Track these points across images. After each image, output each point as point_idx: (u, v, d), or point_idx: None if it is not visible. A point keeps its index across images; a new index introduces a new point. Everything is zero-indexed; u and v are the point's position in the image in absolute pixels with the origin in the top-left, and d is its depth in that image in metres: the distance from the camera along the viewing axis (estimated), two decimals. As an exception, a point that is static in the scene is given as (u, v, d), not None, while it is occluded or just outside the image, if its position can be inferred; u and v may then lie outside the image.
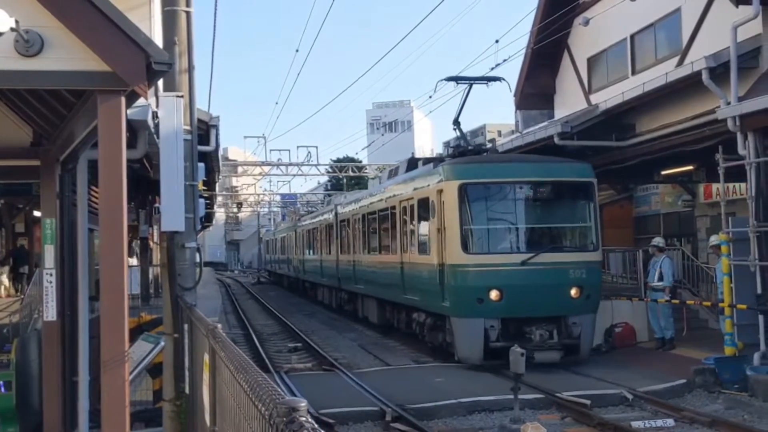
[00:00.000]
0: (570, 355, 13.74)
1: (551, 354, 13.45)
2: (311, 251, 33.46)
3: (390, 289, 18.44)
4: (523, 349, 11.38)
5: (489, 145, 20.57)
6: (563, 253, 14.45)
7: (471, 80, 17.16)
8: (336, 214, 26.61)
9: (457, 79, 17.13)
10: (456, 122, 17.25)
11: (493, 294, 13.58)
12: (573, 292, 13.85)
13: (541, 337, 13.43)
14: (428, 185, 15.38)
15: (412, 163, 18.94)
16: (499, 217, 14.57)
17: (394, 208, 18.11)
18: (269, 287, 51.87)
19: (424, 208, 15.56)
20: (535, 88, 21.96)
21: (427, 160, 18.32)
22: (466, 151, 16.91)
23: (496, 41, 20.77)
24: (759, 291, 12.31)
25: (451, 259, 14.04)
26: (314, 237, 32.57)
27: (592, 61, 20.33)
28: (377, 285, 20.08)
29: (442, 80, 17.08)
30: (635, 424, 10.03)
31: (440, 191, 14.55)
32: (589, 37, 19.79)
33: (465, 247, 13.91)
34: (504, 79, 16.78)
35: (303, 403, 2.08)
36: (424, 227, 15.79)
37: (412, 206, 16.56)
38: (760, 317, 12.17)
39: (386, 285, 18.83)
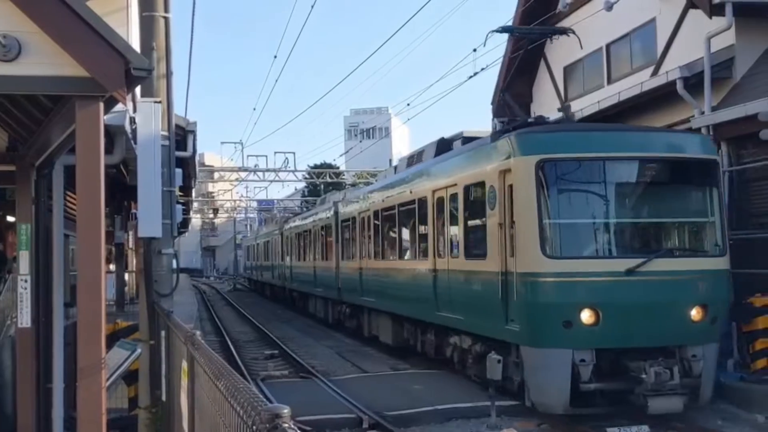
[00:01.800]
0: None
1: (672, 401, 9.98)
2: (302, 257, 29.61)
3: (415, 304, 14.85)
4: (500, 356, 11.24)
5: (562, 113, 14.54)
6: (682, 259, 10.78)
7: (528, 33, 14.43)
8: (336, 213, 22.72)
9: (512, 30, 14.68)
10: (503, 91, 13.84)
11: (586, 315, 10.04)
12: (694, 312, 10.34)
13: (657, 376, 9.76)
14: (484, 166, 11.74)
15: (444, 145, 15.08)
16: (593, 207, 10.91)
17: (423, 200, 14.41)
18: (245, 294, 51.62)
19: (476, 198, 12.10)
20: (513, 97, 22.05)
21: (465, 140, 14.24)
22: (524, 124, 12.58)
23: (474, 50, 20.82)
24: (732, 298, 12.47)
25: (523, 265, 10.44)
26: (306, 241, 28.75)
27: (568, 70, 20.51)
28: (395, 298, 16.45)
29: (493, 31, 13.94)
30: (610, 430, 10.10)
31: (505, 172, 10.98)
32: (565, 47, 19.95)
33: (545, 248, 10.22)
34: (572, 31, 13.33)
35: (286, 410, 2.08)
36: (475, 223, 12.19)
37: (453, 196, 12.98)
38: (733, 324, 12.32)
39: (408, 298, 15.30)
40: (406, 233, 16.15)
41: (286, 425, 1.97)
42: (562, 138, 11.02)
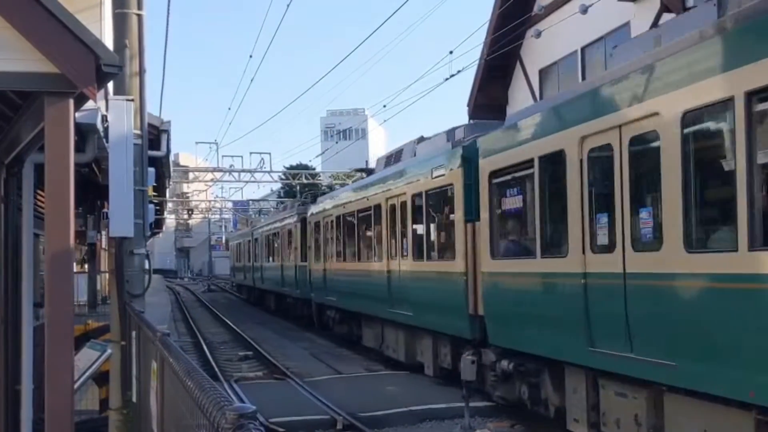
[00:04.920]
0: None
1: None
2: (355, 255, 18.18)
3: None
4: (473, 357, 11.27)
5: None
6: None
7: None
8: (468, 161, 11.69)
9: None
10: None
11: None
12: None
13: None
14: None
15: None
16: None
17: None
18: (220, 295, 51.31)
19: None
20: (488, 99, 22.15)
21: None
22: None
23: (450, 52, 20.85)
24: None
25: None
26: (362, 228, 17.77)
27: (543, 73, 20.61)
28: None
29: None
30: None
31: None
32: (540, 49, 20.06)
33: None
34: None
35: (252, 410, 2.05)
36: None
37: None
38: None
39: None
40: None
41: (252, 425, 1.94)
42: None
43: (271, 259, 32.14)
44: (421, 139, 15.32)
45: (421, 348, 14.23)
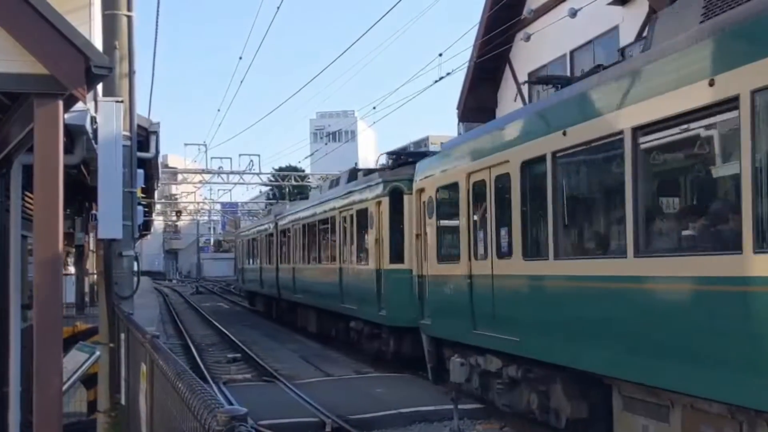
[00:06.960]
0: None
1: None
2: (593, 243, 8.13)
3: None
4: (463, 359, 11.33)
5: None
6: None
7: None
8: None
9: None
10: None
11: None
12: None
13: None
14: None
15: None
16: None
17: None
18: (208, 297, 51.09)
19: None
20: (478, 102, 22.20)
21: None
22: None
23: (440, 55, 20.92)
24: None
25: None
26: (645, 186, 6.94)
27: (532, 76, 20.67)
28: None
29: None
30: None
31: None
32: (530, 53, 20.11)
33: None
34: None
35: (243, 412, 2.05)
36: None
37: None
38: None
39: None
40: None
41: (243, 428, 1.93)
42: None
43: (313, 259, 22.01)
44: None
45: None
